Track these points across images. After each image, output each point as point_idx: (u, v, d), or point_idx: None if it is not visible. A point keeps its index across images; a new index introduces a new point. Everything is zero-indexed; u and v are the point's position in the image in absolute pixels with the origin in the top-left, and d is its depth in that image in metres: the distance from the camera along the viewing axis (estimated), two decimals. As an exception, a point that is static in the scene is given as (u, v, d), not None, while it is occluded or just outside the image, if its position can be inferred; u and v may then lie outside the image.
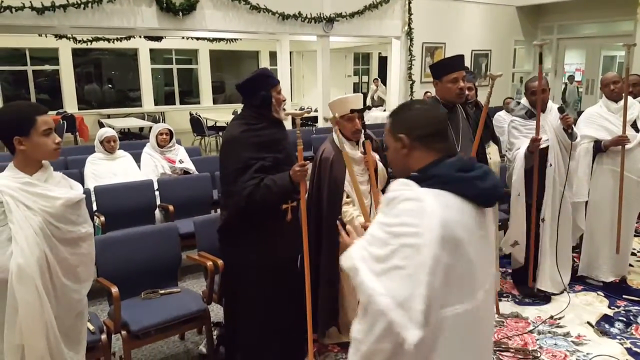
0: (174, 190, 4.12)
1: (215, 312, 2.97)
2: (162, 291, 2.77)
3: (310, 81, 13.33)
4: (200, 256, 2.92)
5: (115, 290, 2.45)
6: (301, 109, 10.37)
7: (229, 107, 12.79)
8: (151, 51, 12.45)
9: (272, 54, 12.18)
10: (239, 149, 2.28)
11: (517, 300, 3.46)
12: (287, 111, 2.46)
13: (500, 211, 3.83)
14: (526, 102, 3.38)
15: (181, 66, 13.52)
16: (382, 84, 11.66)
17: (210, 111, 12.21)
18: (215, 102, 13.82)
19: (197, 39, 11.59)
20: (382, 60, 12.49)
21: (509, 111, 6.02)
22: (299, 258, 2.49)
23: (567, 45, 10.64)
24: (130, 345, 2.49)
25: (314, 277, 2.55)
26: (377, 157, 2.79)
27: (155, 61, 12.88)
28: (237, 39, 11.87)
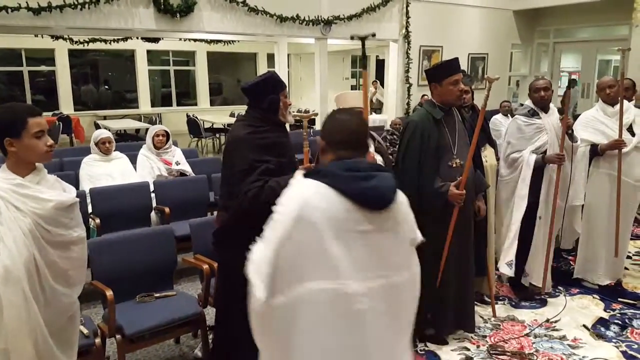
0: (170, 192, 4.10)
1: (210, 315, 2.95)
2: (157, 294, 2.75)
3: (308, 83, 13.32)
4: (196, 259, 2.91)
5: (109, 293, 2.43)
6: (299, 111, 10.36)
7: (226, 109, 12.75)
8: (148, 52, 12.43)
9: (270, 56, 12.15)
10: (245, 150, 2.26)
11: (513, 303, 3.46)
12: (294, 113, 2.48)
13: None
14: (530, 103, 3.41)
15: (178, 68, 13.51)
16: (381, 86, 11.70)
17: (207, 113, 12.16)
18: (212, 104, 13.79)
19: (195, 40, 11.56)
20: (380, 63, 12.51)
21: (506, 114, 6.07)
22: None
23: (563, 49, 10.69)
24: (124, 349, 2.47)
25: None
26: (380, 158, 2.79)
27: (152, 62, 12.86)
28: (234, 41, 11.84)
